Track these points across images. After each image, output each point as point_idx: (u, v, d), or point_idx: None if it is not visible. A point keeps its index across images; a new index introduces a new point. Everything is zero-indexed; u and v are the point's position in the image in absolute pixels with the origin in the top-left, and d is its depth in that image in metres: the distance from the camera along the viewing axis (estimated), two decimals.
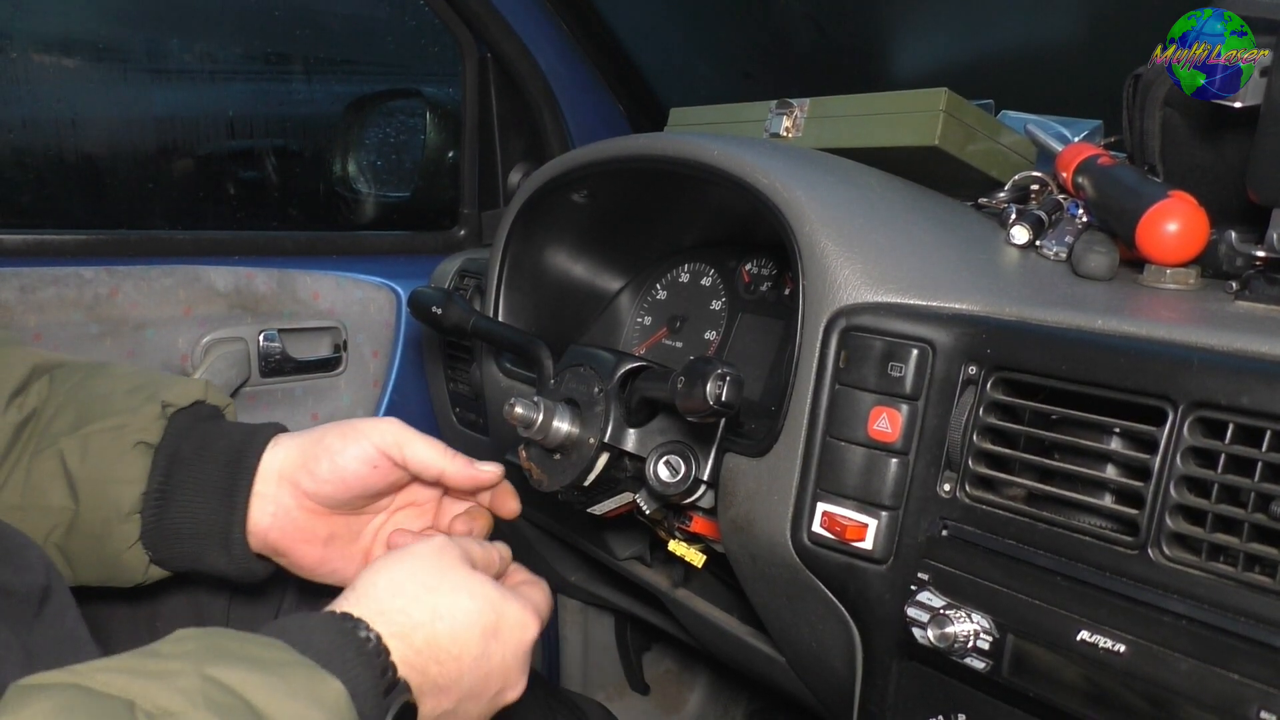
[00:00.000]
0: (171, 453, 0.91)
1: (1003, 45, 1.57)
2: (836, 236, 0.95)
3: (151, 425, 0.91)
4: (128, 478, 0.89)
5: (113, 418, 0.90)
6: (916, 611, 0.84)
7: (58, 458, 0.89)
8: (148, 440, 0.91)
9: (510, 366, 1.34)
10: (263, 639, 0.65)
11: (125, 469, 0.89)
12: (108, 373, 0.96)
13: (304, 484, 0.92)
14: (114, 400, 0.92)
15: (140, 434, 0.90)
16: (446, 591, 0.77)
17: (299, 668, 0.63)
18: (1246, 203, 0.93)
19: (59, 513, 0.89)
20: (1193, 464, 0.71)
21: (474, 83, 1.79)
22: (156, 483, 0.90)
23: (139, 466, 0.90)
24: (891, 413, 0.87)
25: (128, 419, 0.91)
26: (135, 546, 0.90)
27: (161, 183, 1.87)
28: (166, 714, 0.55)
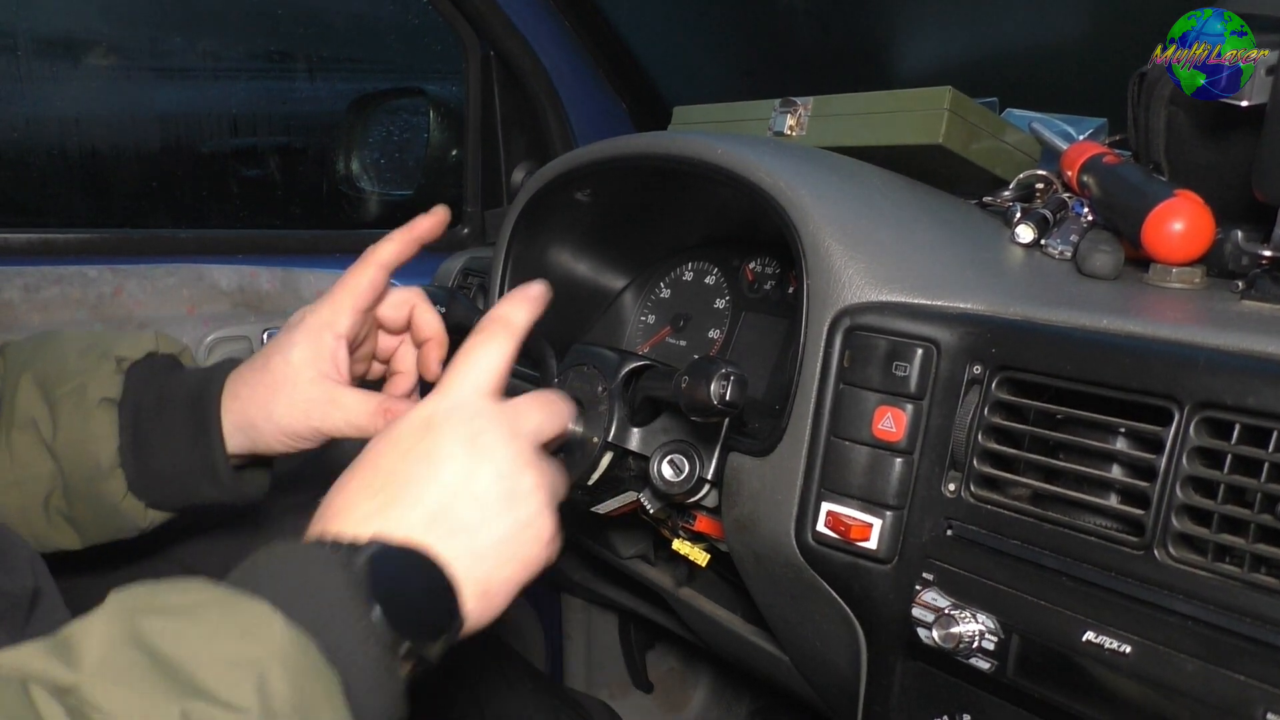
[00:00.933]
0: (135, 405, 0.94)
1: (1007, 43, 1.57)
2: (840, 235, 0.94)
3: (109, 381, 0.94)
4: (100, 435, 0.92)
5: (71, 379, 0.93)
6: (921, 611, 0.83)
7: (32, 427, 0.92)
8: (109, 396, 0.93)
9: (514, 365, 1.33)
10: (183, 584, 0.59)
11: (95, 427, 0.92)
12: (57, 338, 0.99)
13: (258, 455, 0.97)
14: (68, 363, 0.94)
15: (101, 391, 0.93)
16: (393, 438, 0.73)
17: (216, 604, 0.58)
18: (1252, 201, 0.92)
19: (50, 478, 0.93)
20: (1199, 464, 0.71)
21: (477, 81, 1.78)
22: (128, 436, 0.93)
23: (107, 423, 0.92)
24: (896, 412, 0.87)
25: (86, 379, 0.93)
26: (128, 496, 0.94)
27: (165, 181, 1.88)
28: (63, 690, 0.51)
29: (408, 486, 0.70)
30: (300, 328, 0.96)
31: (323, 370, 0.94)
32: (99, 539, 0.96)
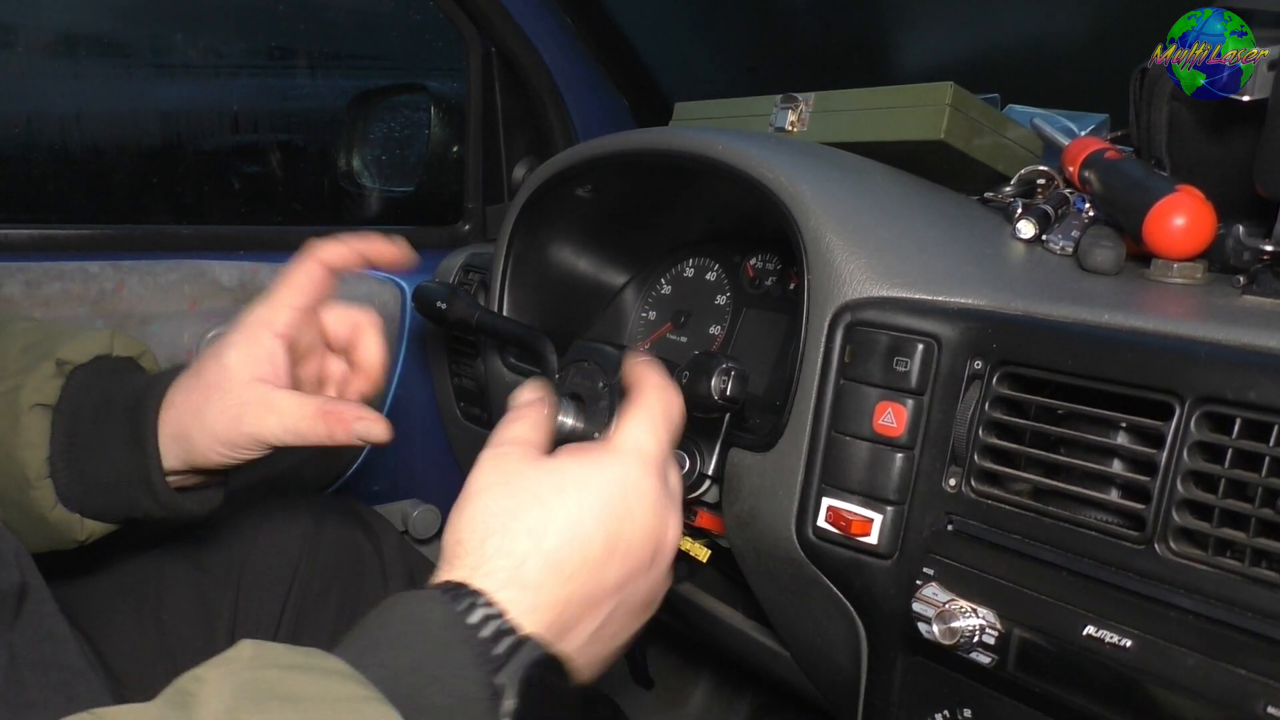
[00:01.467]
0: (73, 411, 0.88)
1: (1009, 39, 1.57)
2: (841, 231, 0.94)
3: (46, 385, 0.87)
4: (29, 442, 0.86)
5: (7, 380, 0.87)
6: (922, 606, 0.83)
7: None
8: (43, 401, 0.87)
9: (515, 361, 1.33)
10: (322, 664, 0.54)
11: (25, 433, 0.86)
12: (10, 330, 0.92)
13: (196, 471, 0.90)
14: (7, 361, 0.89)
15: (35, 395, 0.86)
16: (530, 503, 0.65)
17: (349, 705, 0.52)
18: (1254, 197, 0.92)
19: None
20: (1200, 459, 0.71)
21: (478, 77, 1.78)
22: (61, 444, 0.87)
23: (38, 430, 0.86)
24: (897, 407, 0.87)
25: (21, 380, 0.87)
26: (58, 507, 0.87)
27: (166, 177, 1.87)
28: None
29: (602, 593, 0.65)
30: (237, 328, 0.90)
31: (258, 372, 0.88)
32: (39, 548, 0.89)
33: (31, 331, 0.92)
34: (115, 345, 0.93)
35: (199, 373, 0.88)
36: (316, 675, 0.53)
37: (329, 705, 0.51)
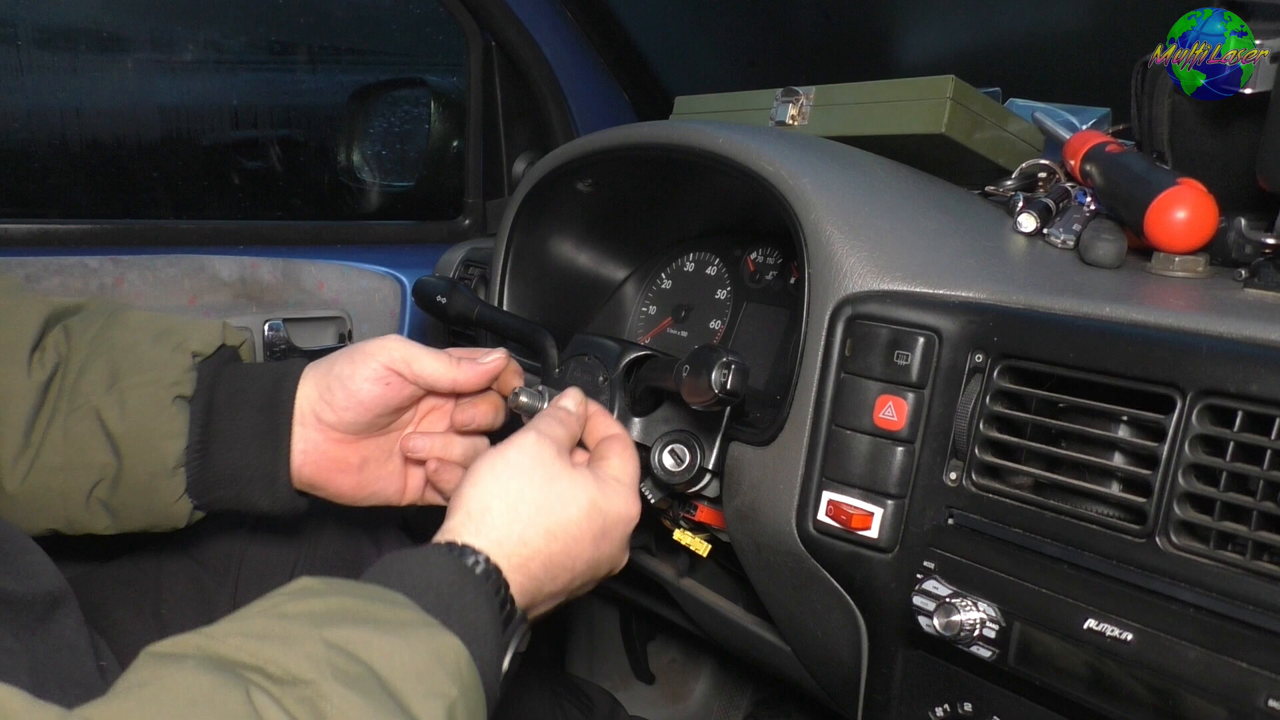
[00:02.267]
0: (206, 402, 0.92)
1: (1010, 32, 1.56)
2: (842, 225, 0.94)
3: (184, 377, 0.91)
4: (169, 432, 0.89)
5: (144, 371, 0.90)
6: (922, 600, 0.83)
7: (94, 416, 0.89)
8: (183, 393, 0.90)
9: (515, 356, 1.33)
10: (386, 595, 0.65)
11: (165, 424, 0.89)
12: (126, 320, 0.95)
13: (325, 416, 0.93)
14: (141, 351, 0.91)
15: (175, 387, 0.90)
16: (557, 507, 0.79)
17: (420, 628, 0.63)
18: (1256, 190, 0.92)
19: (102, 468, 0.89)
20: (1201, 452, 0.71)
21: (478, 72, 1.78)
22: (197, 435, 0.91)
23: (179, 420, 0.90)
24: (897, 401, 0.87)
25: (160, 372, 0.90)
26: (183, 497, 0.91)
27: (166, 172, 1.87)
28: (297, 681, 0.55)
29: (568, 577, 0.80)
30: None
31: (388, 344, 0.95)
32: (132, 529, 0.94)
33: (155, 322, 0.95)
34: (227, 335, 0.97)
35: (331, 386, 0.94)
36: (386, 604, 0.64)
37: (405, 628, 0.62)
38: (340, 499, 0.98)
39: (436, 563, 0.71)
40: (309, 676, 0.55)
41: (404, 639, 0.61)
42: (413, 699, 0.58)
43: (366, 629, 0.60)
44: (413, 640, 0.61)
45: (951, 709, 0.86)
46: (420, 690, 0.59)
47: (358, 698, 0.55)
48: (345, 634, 0.59)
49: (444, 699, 0.60)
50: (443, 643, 0.63)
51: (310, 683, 0.55)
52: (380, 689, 0.57)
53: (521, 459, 0.80)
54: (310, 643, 0.58)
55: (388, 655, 0.59)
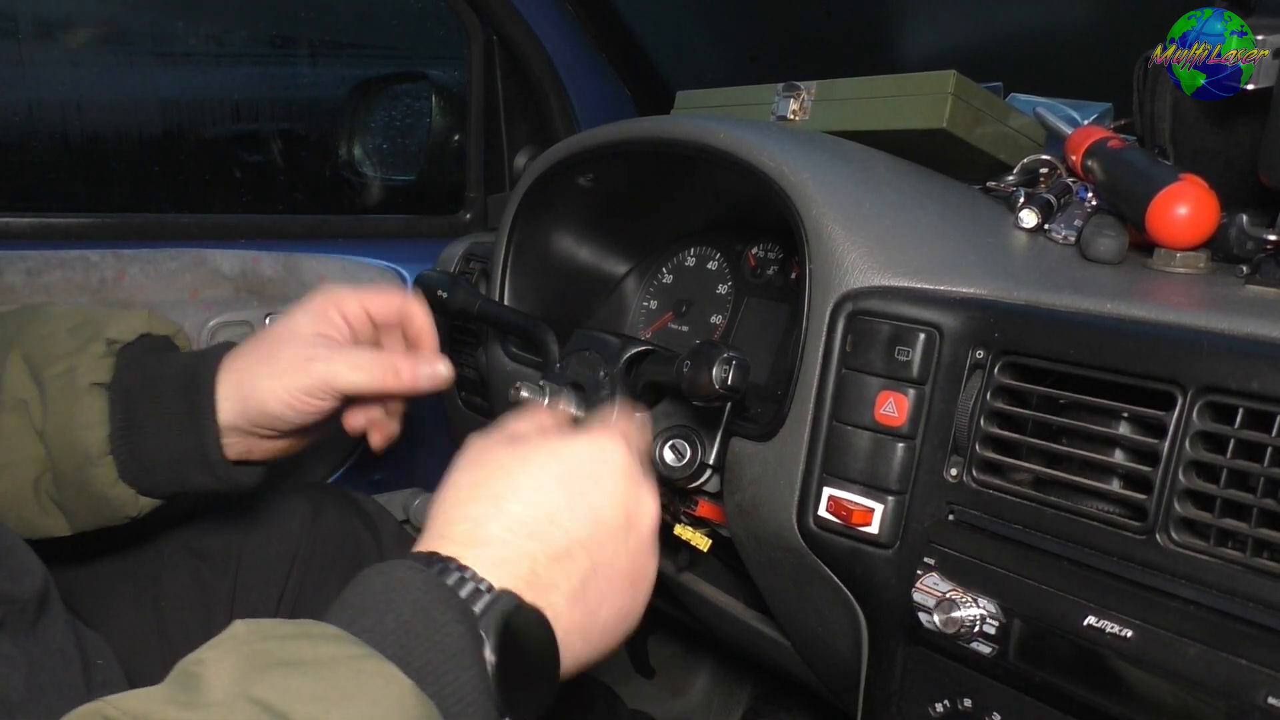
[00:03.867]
0: (125, 389, 0.90)
1: (1012, 27, 1.56)
2: (843, 220, 0.94)
3: (98, 364, 0.89)
4: (89, 421, 0.88)
5: (61, 361, 0.89)
6: (923, 596, 0.83)
7: (22, 409, 0.88)
8: (99, 379, 0.89)
9: (516, 350, 1.33)
10: (315, 630, 0.57)
11: (84, 413, 0.88)
12: (45, 313, 0.94)
13: (253, 432, 0.92)
14: (58, 342, 0.90)
15: (91, 374, 0.89)
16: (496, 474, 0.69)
17: (349, 663, 0.54)
18: (1258, 186, 0.92)
19: (39, 462, 0.89)
20: (1201, 449, 0.71)
21: (479, 66, 1.78)
22: (118, 421, 0.89)
23: (97, 409, 0.88)
24: (898, 397, 0.87)
25: (76, 360, 0.89)
26: (118, 484, 0.90)
27: (167, 166, 1.87)
28: None
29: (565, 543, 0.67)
30: (302, 304, 0.95)
31: (326, 331, 0.93)
32: (88, 525, 0.93)
33: (73, 314, 0.94)
34: (153, 324, 0.95)
35: (262, 337, 0.93)
36: (313, 641, 0.55)
37: (331, 666, 0.53)
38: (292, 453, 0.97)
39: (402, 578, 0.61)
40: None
41: (327, 681, 0.53)
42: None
43: (284, 674, 0.53)
44: (338, 681, 0.53)
45: (951, 705, 0.86)
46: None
47: None
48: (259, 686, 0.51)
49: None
50: (378, 677, 0.54)
51: None
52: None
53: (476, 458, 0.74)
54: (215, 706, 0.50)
55: (307, 702, 0.51)
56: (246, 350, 0.93)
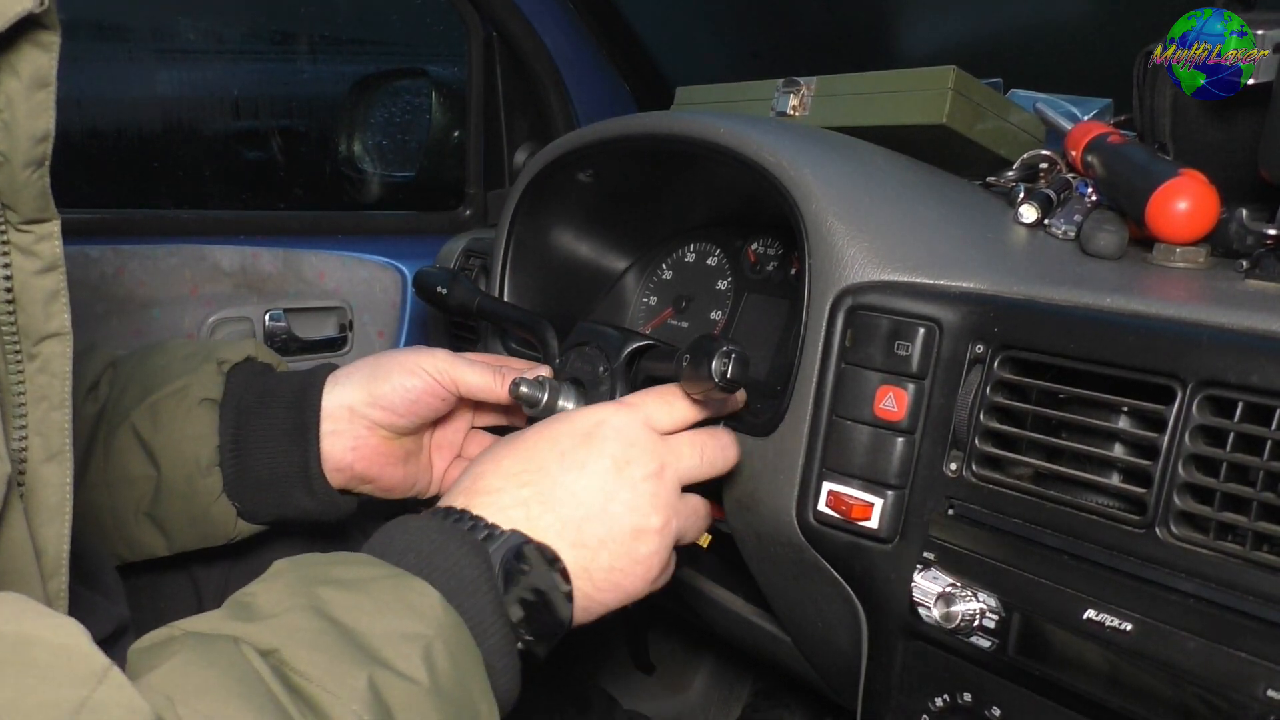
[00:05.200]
0: (236, 404, 0.96)
1: (1012, 23, 1.56)
2: (843, 215, 0.94)
3: (211, 382, 0.96)
4: (199, 434, 0.95)
5: (174, 382, 0.95)
6: (922, 591, 0.83)
7: (130, 430, 0.94)
8: (210, 396, 0.96)
9: (515, 346, 1.33)
10: (352, 558, 0.67)
11: (195, 426, 0.94)
12: (163, 348, 1.01)
13: (373, 416, 0.97)
14: (172, 368, 0.97)
15: (202, 391, 0.95)
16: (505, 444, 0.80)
17: (385, 580, 0.64)
18: (1258, 181, 0.92)
19: (143, 481, 0.94)
20: (1201, 443, 0.71)
21: (479, 62, 1.78)
22: (229, 434, 0.95)
23: (207, 422, 0.95)
24: (898, 392, 0.87)
25: (188, 380, 0.96)
26: (221, 498, 0.96)
27: (167, 163, 1.87)
28: (265, 652, 0.56)
29: (554, 489, 0.76)
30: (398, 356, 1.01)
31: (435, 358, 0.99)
32: (186, 546, 0.98)
33: (189, 344, 1.02)
34: (260, 351, 1.03)
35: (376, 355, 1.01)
36: (350, 565, 0.65)
37: (370, 583, 0.63)
38: (387, 493, 1.02)
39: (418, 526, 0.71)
40: (272, 645, 0.57)
41: (367, 593, 0.62)
42: (383, 646, 0.59)
43: (329, 589, 0.61)
44: (377, 593, 0.62)
45: (951, 699, 0.86)
46: (392, 636, 0.60)
47: (320, 656, 0.57)
48: (308, 599, 0.60)
49: (419, 640, 0.60)
50: (411, 590, 0.64)
51: (274, 651, 0.57)
52: (347, 642, 0.58)
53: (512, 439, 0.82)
54: (273, 617, 0.59)
55: (353, 610, 0.60)
56: (360, 364, 1.00)
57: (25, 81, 0.60)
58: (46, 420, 0.67)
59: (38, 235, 0.64)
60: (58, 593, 0.68)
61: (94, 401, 0.97)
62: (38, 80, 0.60)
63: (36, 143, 0.61)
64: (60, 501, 0.67)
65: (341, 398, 0.97)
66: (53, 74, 0.61)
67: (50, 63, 0.60)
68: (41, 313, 0.65)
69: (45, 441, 0.67)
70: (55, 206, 0.64)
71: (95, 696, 0.45)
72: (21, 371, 0.65)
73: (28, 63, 0.59)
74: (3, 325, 0.64)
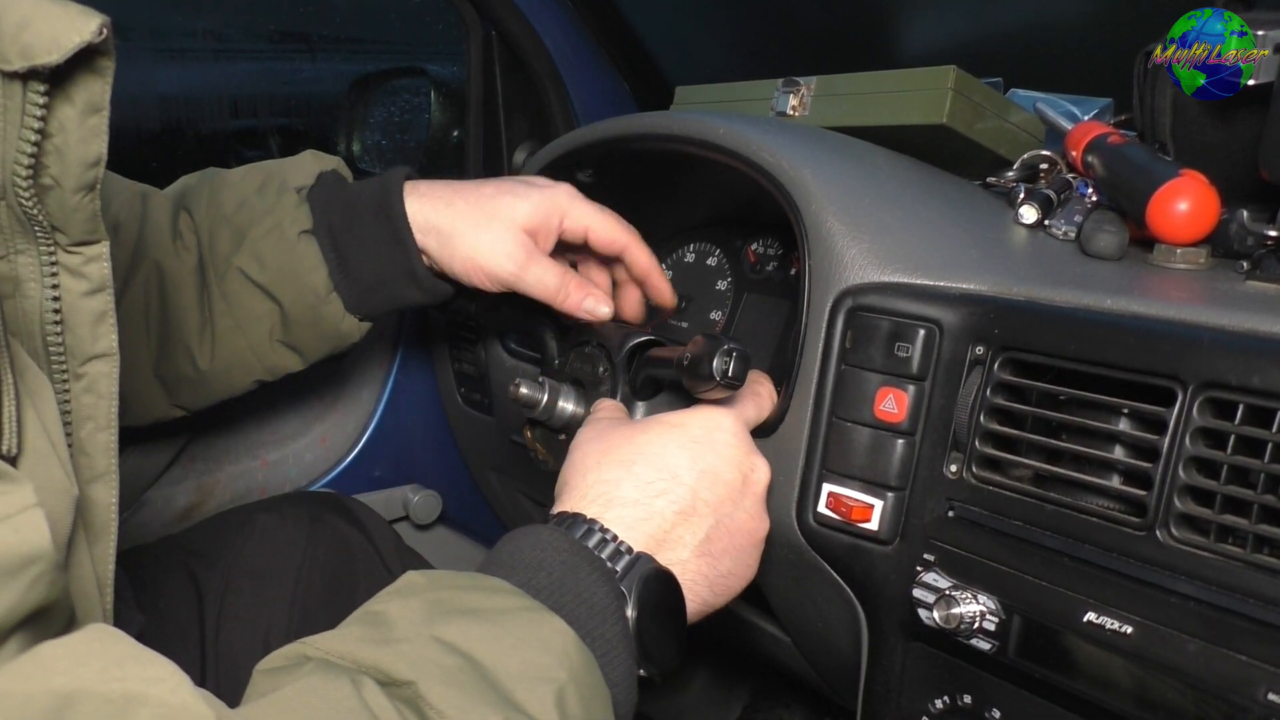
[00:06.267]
0: (328, 228, 1.00)
1: (1012, 22, 1.56)
2: (843, 215, 0.94)
3: (298, 214, 1.00)
4: (308, 266, 1.00)
5: (263, 221, 1.00)
6: (923, 592, 0.83)
7: (239, 275, 1.00)
8: (304, 228, 1.00)
9: (515, 347, 1.33)
10: (487, 583, 0.65)
11: (302, 260, 1.00)
12: (226, 182, 1.04)
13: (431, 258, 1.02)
14: (252, 204, 1.01)
15: (295, 225, 0.99)
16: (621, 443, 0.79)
17: (521, 613, 0.62)
18: (1258, 181, 0.92)
19: (269, 315, 1.01)
20: (1202, 445, 0.70)
21: (478, 61, 1.77)
22: (333, 259, 1.00)
23: (312, 254, 1.00)
24: (898, 393, 0.86)
25: (276, 216, 1.00)
26: (346, 316, 1.02)
27: (165, 162, 1.87)
28: (398, 683, 0.55)
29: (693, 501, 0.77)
30: (534, 185, 1.02)
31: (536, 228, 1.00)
32: (318, 356, 1.06)
33: (251, 174, 1.04)
34: (321, 162, 1.06)
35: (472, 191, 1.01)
36: (486, 593, 0.64)
37: (506, 615, 0.62)
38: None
39: (550, 542, 0.70)
40: (408, 677, 0.55)
41: (503, 627, 0.60)
42: (517, 687, 0.57)
43: (465, 621, 0.60)
44: (513, 628, 0.61)
45: (951, 701, 0.86)
46: (526, 677, 0.58)
47: (455, 694, 0.55)
48: (445, 628, 0.59)
49: (552, 684, 0.59)
50: (547, 626, 0.62)
51: (410, 684, 0.55)
52: (481, 681, 0.57)
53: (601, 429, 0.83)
54: (408, 643, 0.58)
55: (488, 645, 0.59)
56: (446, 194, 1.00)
57: (79, 107, 0.60)
58: (93, 440, 0.67)
59: (86, 257, 0.65)
60: (108, 612, 0.68)
61: (186, 252, 1.01)
62: (91, 106, 0.60)
63: (88, 168, 0.62)
64: (106, 521, 0.68)
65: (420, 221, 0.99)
66: (106, 99, 0.61)
67: (104, 89, 0.61)
68: (89, 334, 0.66)
69: (91, 461, 0.67)
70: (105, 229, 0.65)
71: None
72: (68, 391, 0.66)
73: (82, 89, 0.60)
74: (51, 345, 0.65)
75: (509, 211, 0.99)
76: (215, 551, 1.14)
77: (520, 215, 0.99)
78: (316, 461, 1.59)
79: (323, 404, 1.58)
